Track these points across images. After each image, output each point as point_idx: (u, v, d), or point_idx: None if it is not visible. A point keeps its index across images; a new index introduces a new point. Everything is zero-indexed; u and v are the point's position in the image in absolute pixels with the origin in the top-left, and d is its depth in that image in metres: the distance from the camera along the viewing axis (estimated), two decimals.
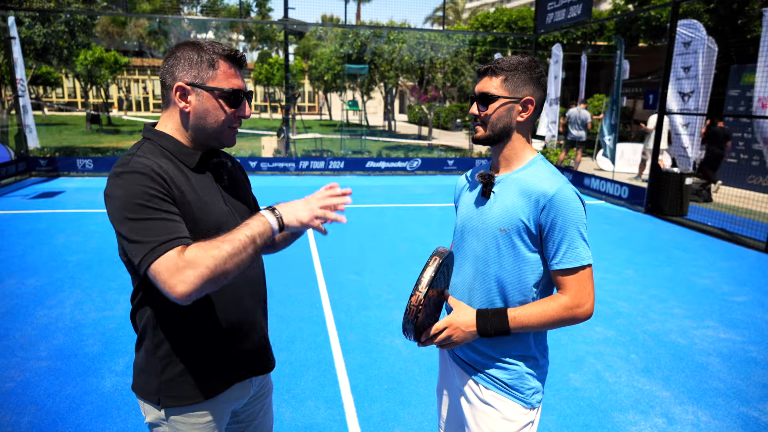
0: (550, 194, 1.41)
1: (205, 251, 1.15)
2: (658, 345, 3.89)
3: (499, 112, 1.49)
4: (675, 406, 3.11)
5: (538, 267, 1.49)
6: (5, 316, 4.11)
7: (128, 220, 1.18)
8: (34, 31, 13.49)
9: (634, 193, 9.09)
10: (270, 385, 1.68)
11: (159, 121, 1.40)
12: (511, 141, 1.53)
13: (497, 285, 1.52)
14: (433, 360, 3.57)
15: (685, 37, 8.13)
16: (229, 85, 1.33)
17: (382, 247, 6.23)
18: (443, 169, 13.03)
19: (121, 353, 3.57)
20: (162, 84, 1.36)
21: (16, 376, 3.25)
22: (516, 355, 1.53)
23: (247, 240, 1.20)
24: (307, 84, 37.75)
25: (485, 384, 1.56)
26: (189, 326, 1.37)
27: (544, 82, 1.52)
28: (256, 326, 1.51)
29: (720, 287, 5.16)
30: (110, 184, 1.23)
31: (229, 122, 1.36)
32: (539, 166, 1.52)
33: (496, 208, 1.50)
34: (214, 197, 1.36)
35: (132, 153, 1.29)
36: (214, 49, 1.32)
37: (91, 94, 28.19)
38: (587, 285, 1.44)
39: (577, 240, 1.42)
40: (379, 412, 2.98)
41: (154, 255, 1.14)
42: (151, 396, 1.39)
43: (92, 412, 2.90)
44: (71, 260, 5.52)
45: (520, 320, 1.44)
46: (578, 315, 1.44)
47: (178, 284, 1.12)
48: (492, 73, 1.50)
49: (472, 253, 1.58)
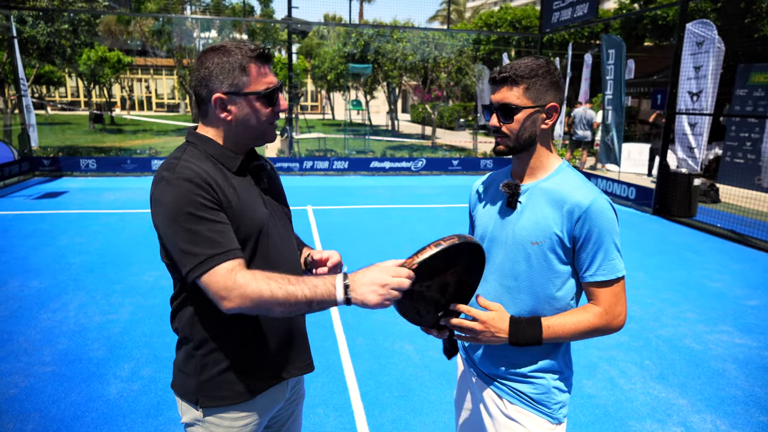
0: (585, 205, 1.36)
1: (258, 287, 1.18)
2: (672, 350, 3.82)
3: (525, 124, 1.42)
4: (693, 414, 3.04)
5: (569, 279, 1.44)
6: (8, 319, 4.06)
7: (179, 229, 1.20)
8: (38, 30, 13.45)
9: (642, 194, 9.01)
10: (302, 391, 1.67)
11: (200, 126, 1.40)
12: (536, 150, 1.47)
13: (528, 299, 1.46)
14: (444, 366, 3.50)
15: (698, 37, 8.04)
16: (264, 86, 1.33)
17: (388, 249, 6.17)
18: (448, 169, 12.96)
19: (126, 358, 3.51)
20: (197, 96, 1.35)
21: (20, 381, 3.19)
22: (542, 368, 1.48)
23: (304, 300, 1.19)
24: (309, 83, 37.71)
25: (509, 398, 1.50)
26: (229, 327, 1.36)
27: (562, 84, 1.47)
28: (297, 328, 1.50)
29: (732, 291, 5.08)
30: (159, 189, 1.24)
31: (270, 120, 1.37)
32: (567, 174, 1.46)
33: (526, 220, 1.44)
34: (255, 200, 1.37)
35: (177, 157, 1.30)
36: (242, 51, 1.30)
37: (94, 93, 28.15)
38: (621, 296, 1.40)
39: (613, 251, 1.38)
40: (390, 420, 2.91)
41: (204, 267, 1.18)
42: (190, 395, 1.39)
43: (97, 419, 2.84)
44: (75, 262, 5.47)
45: (554, 330, 1.40)
46: (612, 326, 1.41)
47: (225, 300, 1.18)
48: (512, 82, 1.40)
49: (496, 265, 1.51)
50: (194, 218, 1.20)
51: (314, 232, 6.90)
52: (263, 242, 1.36)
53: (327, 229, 7.09)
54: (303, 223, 7.38)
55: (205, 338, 1.36)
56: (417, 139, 21.81)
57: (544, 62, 1.42)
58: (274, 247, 1.39)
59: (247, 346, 1.38)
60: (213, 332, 1.36)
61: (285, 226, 1.48)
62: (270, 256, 1.37)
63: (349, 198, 9.42)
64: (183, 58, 21.43)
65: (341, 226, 7.29)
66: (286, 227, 1.48)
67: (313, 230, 6.99)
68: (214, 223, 1.21)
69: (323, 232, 6.92)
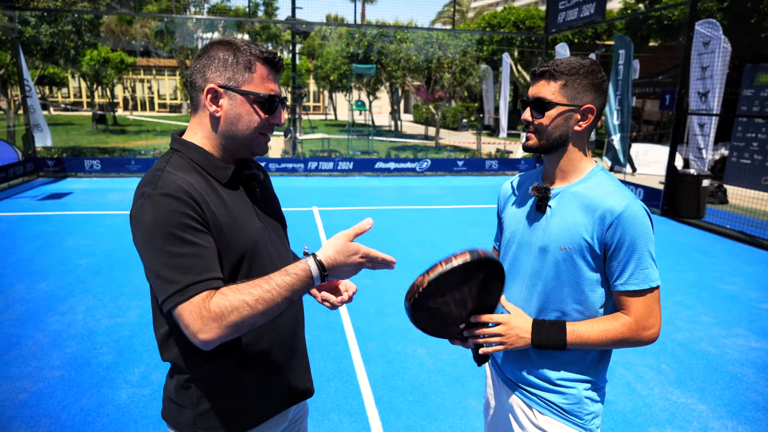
0: (618, 211, 1.30)
1: (231, 305, 1.06)
2: (688, 355, 3.76)
3: (556, 120, 1.37)
4: (713, 420, 2.99)
5: (599, 287, 1.38)
6: (16, 323, 4.02)
7: (157, 251, 1.08)
8: (41, 30, 13.43)
9: (650, 194, 8.95)
10: (306, 409, 1.59)
11: (187, 129, 1.29)
12: (567, 151, 1.41)
13: (555, 305, 1.42)
14: (458, 370, 3.46)
15: (704, 37, 7.99)
16: (265, 90, 1.22)
17: (395, 250, 6.12)
18: (453, 170, 12.90)
19: (135, 362, 3.46)
20: (191, 85, 1.24)
21: (30, 386, 3.15)
22: (572, 378, 1.43)
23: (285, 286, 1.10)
24: (312, 84, 37.67)
25: (539, 408, 1.46)
26: (228, 356, 1.26)
27: (606, 88, 1.39)
28: (295, 351, 1.41)
29: (746, 293, 5.02)
30: (138, 206, 1.11)
31: (261, 129, 1.25)
32: (601, 179, 1.40)
33: (555, 225, 1.39)
34: (247, 214, 1.26)
35: (160, 168, 1.18)
36: (252, 50, 1.21)
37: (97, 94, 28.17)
38: (655, 307, 1.34)
39: (646, 260, 1.32)
40: (406, 426, 2.86)
41: (181, 297, 1.06)
42: (186, 428, 1.30)
43: (108, 425, 2.80)
44: (81, 264, 5.43)
45: (579, 335, 1.35)
46: (643, 338, 1.35)
47: (200, 332, 1.05)
48: (550, 76, 1.36)
49: (524, 270, 1.47)
50: (175, 240, 1.07)
51: (321, 232, 6.86)
52: (257, 258, 1.25)
53: (333, 230, 7.04)
54: (309, 224, 7.33)
55: (203, 370, 1.25)
56: (420, 139, 21.75)
57: (589, 63, 1.37)
58: (270, 261, 1.29)
59: (244, 377, 1.29)
60: (211, 363, 1.25)
61: (280, 238, 1.39)
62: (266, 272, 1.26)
63: (354, 199, 9.38)
64: (185, 59, 21.41)
65: (347, 227, 7.21)
66: (281, 239, 1.39)
67: (319, 231, 6.95)
68: (196, 246, 1.09)
69: (330, 233, 6.88)
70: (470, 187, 11.16)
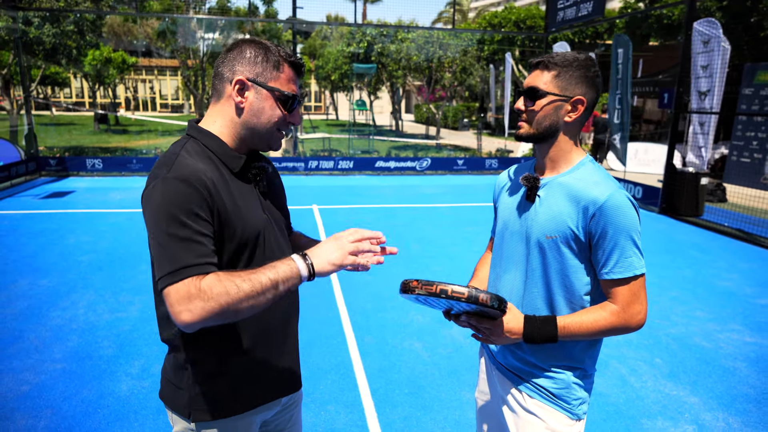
0: (601, 201, 1.34)
1: (222, 286, 1.09)
2: (682, 348, 3.80)
3: (546, 109, 1.41)
4: (705, 412, 3.03)
5: (586, 275, 1.42)
6: (19, 317, 4.07)
7: (160, 232, 1.13)
8: (43, 31, 13.51)
9: (648, 193, 8.98)
10: (300, 395, 1.63)
11: (206, 117, 1.34)
12: (557, 141, 1.45)
13: (543, 292, 1.46)
14: (454, 363, 3.50)
15: (704, 36, 8.02)
16: (289, 89, 1.30)
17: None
18: (453, 169, 12.94)
19: (135, 356, 3.52)
20: (217, 75, 1.30)
21: (32, 378, 3.20)
22: (563, 365, 1.47)
23: (269, 284, 1.14)
24: (313, 83, 37.73)
25: (529, 392, 1.50)
26: (223, 341, 1.32)
27: (598, 83, 1.43)
28: (286, 344, 1.46)
29: (742, 289, 5.06)
30: (151, 187, 1.18)
31: (280, 125, 1.32)
32: (588, 169, 1.44)
33: (542, 214, 1.43)
34: (252, 204, 1.31)
35: (175, 152, 1.23)
36: (281, 52, 1.30)
37: (99, 94, 28.30)
38: (640, 294, 1.38)
39: (630, 249, 1.35)
40: (401, 418, 2.91)
41: (174, 278, 1.10)
42: (182, 409, 1.34)
43: (109, 416, 2.85)
44: (83, 260, 5.49)
45: (570, 329, 1.38)
46: (631, 325, 1.38)
47: (183, 312, 1.07)
48: (544, 67, 1.41)
49: (515, 258, 1.52)
50: (178, 223, 1.12)
51: (320, 231, 6.90)
52: (259, 248, 1.31)
53: (333, 228, 7.09)
54: (309, 222, 7.38)
55: (199, 350, 1.31)
56: (421, 139, 21.80)
57: (583, 57, 1.41)
58: (271, 253, 1.34)
59: (237, 362, 1.34)
60: (207, 344, 1.30)
61: (282, 231, 1.43)
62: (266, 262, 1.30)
63: (354, 197, 9.43)
64: (187, 59, 21.48)
65: (347, 225, 7.28)
66: (283, 232, 1.44)
67: (319, 229, 7.00)
68: (197, 233, 1.14)
69: (329, 231, 6.92)
70: (470, 185, 11.21)
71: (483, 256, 1.82)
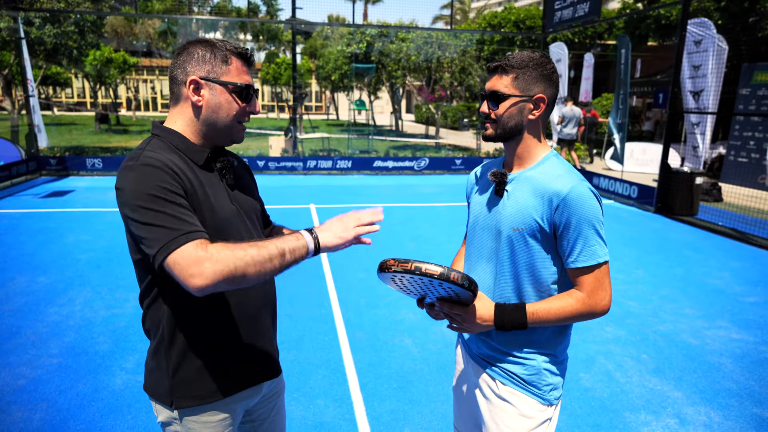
0: (564, 193, 1.40)
1: (230, 249, 1.16)
2: (669, 345, 3.86)
3: (510, 111, 1.47)
4: (687, 406, 3.08)
5: (553, 265, 1.48)
6: (17, 314, 4.14)
7: (143, 211, 1.17)
8: (44, 31, 13.60)
9: (644, 192, 9.03)
10: (282, 384, 1.68)
11: (167, 118, 1.40)
12: (523, 139, 1.51)
13: (513, 283, 1.52)
14: (443, 359, 3.56)
15: (696, 36, 8.06)
16: (241, 81, 1.34)
17: (390, 246, 6.22)
18: (451, 168, 13.00)
19: (130, 351, 3.58)
20: (172, 80, 1.35)
21: (28, 373, 3.27)
22: (532, 351, 1.52)
23: (276, 251, 1.20)
24: (314, 84, 37.80)
25: (501, 379, 1.56)
26: (201, 326, 1.37)
27: (555, 78, 1.49)
28: (264, 332, 1.51)
29: (732, 287, 5.11)
30: (122, 177, 1.22)
31: (239, 117, 1.36)
32: (552, 164, 1.50)
33: (510, 207, 1.49)
34: (220, 195, 1.36)
35: (141, 148, 1.29)
36: (226, 46, 1.34)
37: (100, 94, 28.43)
38: (604, 281, 1.44)
39: (593, 238, 1.41)
40: (389, 411, 2.97)
41: (172, 246, 1.14)
42: (164, 398, 1.39)
43: (103, 409, 2.92)
44: (81, 258, 5.56)
45: (539, 315, 1.44)
46: (596, 310, 1.45)
47: (195, 276, 1.11)
48: (502, 71, 1.47)
49: (486, 251, 1.57)
50: (158, 200, 1.16)
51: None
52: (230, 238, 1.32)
53: None
54: (306, 221, 7.45)
55: (178, 338, 1.36)
56: (421, 138, 21.85)
57: (538, 56, 1.47)
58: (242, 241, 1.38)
59: (218, 348, 1.39)
60: (185, 332, 1.36)
61: (254, 224, 1.48)
62: None
63: (351, 196, 9.49)
64: None
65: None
66: (254, 225, 1.48)
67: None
68: (177, 207, 1.18)
69: None
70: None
71: (459, 250, 1.88)
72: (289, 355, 3.57)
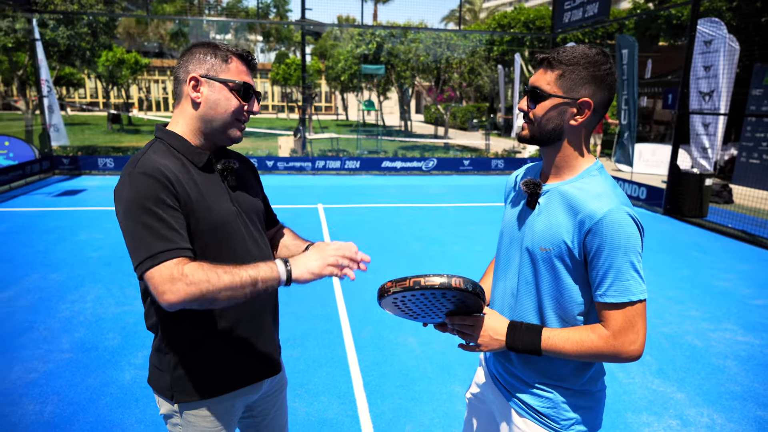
0: (598, 216, 1.22)
1: (204, 273, 1.19)
2: (673, 347, 3.86)
3: (549, 113, 1.30)
4: (689, 408, 3.09)
5: (581, 296, 1.31)
6: (30, 310, 4.24)
7: (134, 222, 1.23)
8: (58, 33, 13.82)
9: (653, 194, 8.98)
10: (284, 381, 1.70)
11: (171, 120, 1.44)
12: (562, 147, 1.34)
13: (535, 305, 1.38)
14: (446, 358, 3.59)
15: (706, 36, 8.01)
16: (240, 79, 1.38)
17: (397, 246, 6.26)
18: (459, 169, 13.00)
19: (139, 347, 3.65)
20: (175, 79, 1.41)
21: (40, 367, 3.35)
22: (550, 383, 1.39)
23: (249, 280, 1.23)
24: (323, 84, 37.93)
25: (518, 410, 1.45)
26: (199, 326, 1.41)
27: (610, 82, 1.28)
28: (265, 330, 1.54)
29: (739, 290, 5.08)
30: (120, 183, 1.28)
31: (237, 114, 1.39)
32: (592, 180, 1.31)
33: (540, 224, 1.34)
34: (219, 197, 1.39)
35: (143, 152, 1.35)
36: (229, 48, 1.40)
37: (113, 94, 28.79)
38: (637, 323, 1.24)
39: (627, 271, 1.23)
40: (392, 409, 3.01)
41: (152, 262, 1.19)
42: (165, 391, 1.44)
43: (112, 403, 2.98)
44: (92, 256, 5.66)
45: (554, 343, 1.29)
46: (622, 353, 1.25)
47: (167, 292, 1.17)
48: (548, 65, 1.29)
49: (511, 265, 1.44)
50: (150, 213, 1.22)
51: (324, 229, 7.02)
52: (228, 238, 1.38)
53: (337, 227, 7.21)
54: (313, 221, 7.51)
55: (178, 335, 1.40)
56: (429, 139, 21.86)
57: (593, 53, 1.27)
58: (242, 243, 1.41)
59: (217, 346, 1.43)
60: (185, 329, 1.40)
61: (255, 225, 1.50)
62: (237, 254, 1.39)
63: (359, 197, 9.54)
64: None
65: (351, 224, 7.41)
66: (256, 225, 1.50)
67: (323, 227, 7.12)
68: (164, 222, 1.23)
69: (333, 230, 7.04)
70: (475, 186, 11.26)
71: (490, 264, 1.73)
72: (293, 351, 3.62)
